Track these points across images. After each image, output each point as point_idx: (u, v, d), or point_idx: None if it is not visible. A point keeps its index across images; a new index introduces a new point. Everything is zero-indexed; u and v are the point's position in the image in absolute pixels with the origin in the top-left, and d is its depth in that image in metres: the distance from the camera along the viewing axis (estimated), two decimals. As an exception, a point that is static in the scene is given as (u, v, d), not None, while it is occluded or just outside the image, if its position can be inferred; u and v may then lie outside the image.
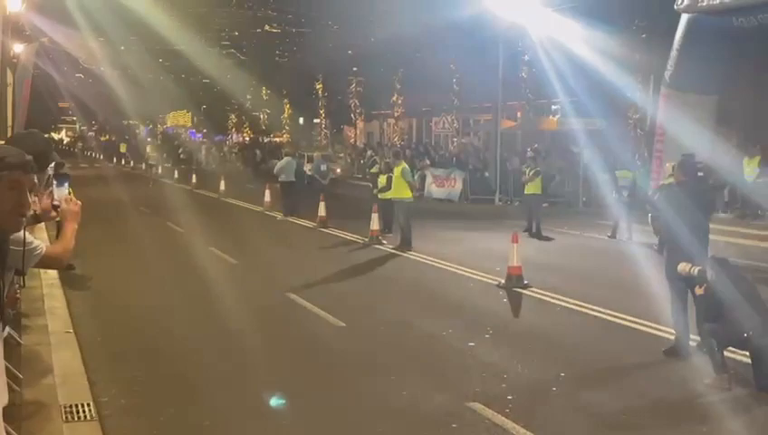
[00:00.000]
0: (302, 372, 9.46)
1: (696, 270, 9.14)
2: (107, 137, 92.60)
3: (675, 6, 23.29)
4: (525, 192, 22.67)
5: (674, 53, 23.70)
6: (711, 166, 23.19)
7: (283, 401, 8.11)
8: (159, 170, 41.57)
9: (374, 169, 25.75)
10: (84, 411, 7.48)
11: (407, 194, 19.24)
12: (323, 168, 32.49)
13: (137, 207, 27.49)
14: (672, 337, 10.19)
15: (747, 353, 8.84)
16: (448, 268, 16.44)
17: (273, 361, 9.85)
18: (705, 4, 22.16)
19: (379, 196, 20.63)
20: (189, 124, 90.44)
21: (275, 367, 9.61)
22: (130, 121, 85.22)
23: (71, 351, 9.54)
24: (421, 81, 45.13)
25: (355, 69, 54.22)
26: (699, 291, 9.10)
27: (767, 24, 21.57)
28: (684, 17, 23.36)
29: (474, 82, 38.98)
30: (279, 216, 26.30)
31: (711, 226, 10.62)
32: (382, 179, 21.13)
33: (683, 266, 9.36)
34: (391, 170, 20.09)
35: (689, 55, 23.06)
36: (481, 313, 12.56)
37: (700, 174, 11.34)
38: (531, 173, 22.41)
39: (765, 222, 19.32)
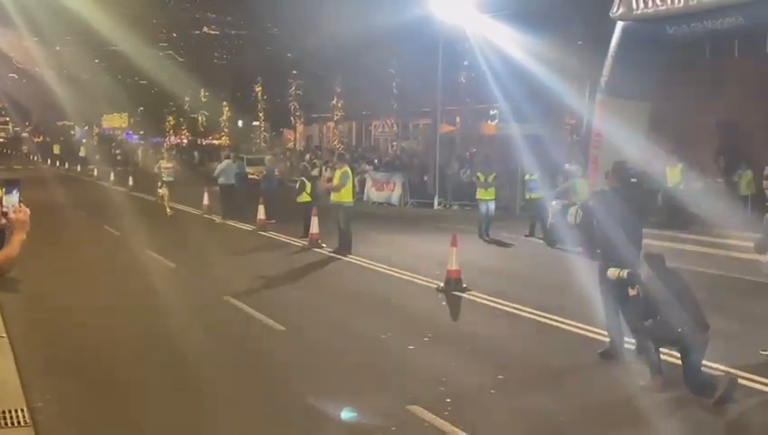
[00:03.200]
0: (241, 376, 9.43)
1: (625, 273, 9.29)
2: (41, 138, 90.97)
3: (610, 14, 23.72)
4: (483, 198, 22.57)
5: (609, 59, 24.12)
6: (645, 171, 23.67)
7: (354, 414, 8.04)
8: (131, 181, 39.43)
9: (314, 172, 25.76)
10: (18, 417, 7.36)
11: (348, 198, 19.25)
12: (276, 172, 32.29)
13: (72, 210, 27.06)
14: (607, 340, 10.36)
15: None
16: (388, 272, 16.50)
17: (211, 365, 9.79)
18: (639, 12, 22.61)
19: (297, 199, 21.45)
20: (126, 125, 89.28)
21: (213, 371, 9.54)
22: (65, 122, 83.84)
23: (3, 355, 9.38)
24: (361, 84, 45.18)
25: (295, 72, 54.06)
26: (632, 292, 9.25)
27: (699, 33, 22.09)
28: (619, 25, 23.80)
29: (413, 87, 39.14)
30: (218, 218, 26.13)
31: (644, 230, 10.76)
32: (308, 186, 21.37)
33: (612, 272, 9.52)
34: (307, 173, 20.54)
35: (624, 62, 23.50)
36: (420, 316, 12.63)
37: (633, 180, 11.46)
38: (490, 179, 22.44)
39: (694, 227, 19.72)
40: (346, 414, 7.96)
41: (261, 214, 23.63)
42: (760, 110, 26.56)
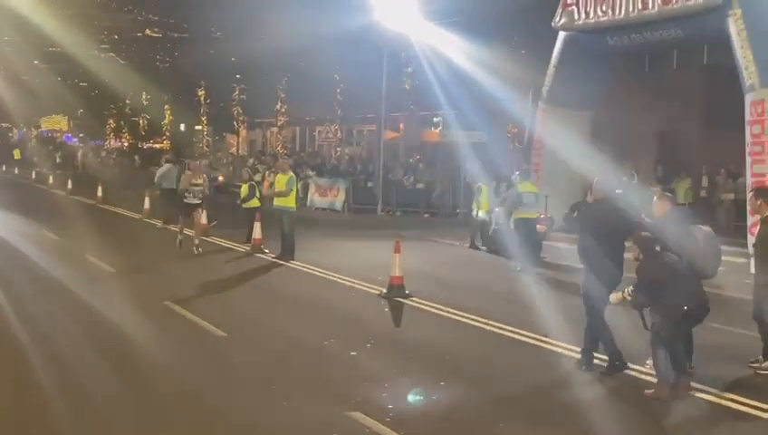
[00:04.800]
0: (181, 383, 9.32)
1: (628, 292, 9.20)
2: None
3: (552, 24, 24.02)
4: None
5: (551, 69, 24.43)
6: (634, 183, 23.97)
7: (420, 397, 7.99)
8: (70, 185, 37.98)
9: (257, 177, 25.63)
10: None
11: (291, 203, 19.18)
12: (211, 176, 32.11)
13: (8, 213, 26.53)
14: (554, 348, 10.44)
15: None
16: (330, 278, 16.46)
17: (149, 371, 9.67)
18: (581, 22, 22.93)
19: (246, 205, 21.26)
20: (66, 128, 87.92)
21: (152, 377, 9.43)
22: (3, 124, 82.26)
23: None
24: (305, 90, 45.10)
25: (238, 76, 53.76)
26: (618, 299, 9.30)
27: (640, 44, 22.48)
28: (561, 35, 24.13)
29: (358, 93, 39.18)
30: (159, 223, 25.82)
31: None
32: (244, 189, 21.29)
33: (615, 297, 9.41)
34: (252, 179, 20.47)
35: (566, 72, 23.83)
36: (363, 322, 12.62)
37: (618, 191, 11.37)
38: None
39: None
40: (413, 397, 7.89)
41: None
42: (698, 120, 27.13)
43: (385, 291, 14.54)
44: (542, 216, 19.42)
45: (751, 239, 16.82)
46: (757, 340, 10.14)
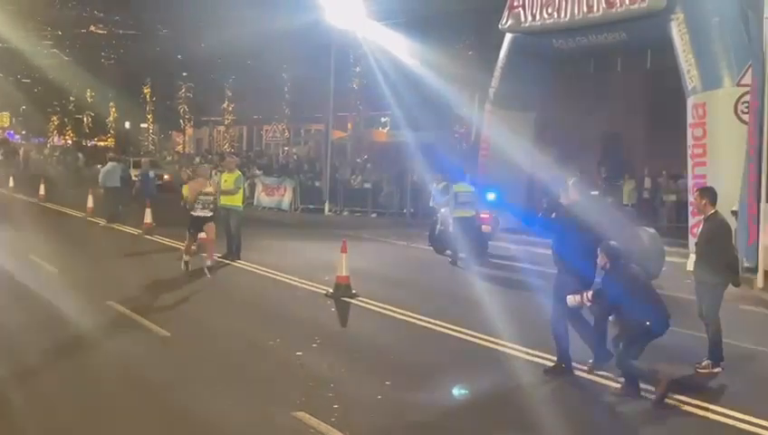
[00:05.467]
0: (123, 383, 9.22)
1: (588, 297, 9.29)
2: None
3: (499, 26, 24.21)
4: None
5: (498, 70, 24.63)
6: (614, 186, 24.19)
7: (465, 391, 7.89)
8: (12, 183, 36.78)
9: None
10: None
11: (238, 202, 19.07)
12: (151, 174, 31.69)
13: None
14: (499, 347, 10.51)
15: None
16: (277, 277, 16.40)
17: (90, 370, 9.56)
18: (527, 24, 23.14)
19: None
20: (8, 125, 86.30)
21: (94, 378, 9.32)
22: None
23: None
24: (253, 88, 44.88)
25: (185, 74, 53.30)
26: (574, 301, 9.37)
27: (585, 47, 22.75)
28: (508, 36, 24.33)
29: (306, 92, 39.09)
30: (103, 222, 25.50)
31: (540, 239, 10.87)
32: (185, 189, 21.13)
33: (573, 299, 9.45)
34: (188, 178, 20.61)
35: (512, 73, 24.04)
36: (309, 322, 12.59)
37: (594, 192, 11.36)
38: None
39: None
40: (457, 391, 7.84)
41: (148, 217, 23.18)
42: (641, 122, 27.54)
43: (331, 291, 14.52)
44: (487, 216, 19.57)
45: (692, 239, 17.13)
46: (698, 339, 10.34)
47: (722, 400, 8.93)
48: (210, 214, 16.99)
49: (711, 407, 8.61)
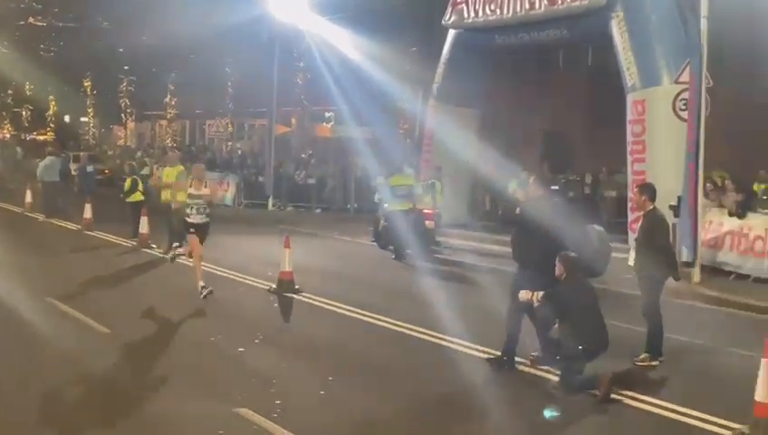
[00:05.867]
0: (64, 380, 9.09)
1: (538, 297, 9.29)
2: None
3: (443, 22, 24.28)
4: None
5: (441, 66, 24.71)
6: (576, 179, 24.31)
7: (556, 413, 7.78)
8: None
9: (144, 171, 25.11)
10: None
11: (182, 197, 18.86)
12: (90, 168, 31.24)
13: None
14: (441, 342, 10.56)
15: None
16: (219, 273, 16.29)
17: (28, 369, 9.40)
18: (470, 21, 23.25)
19: (129, 199, 20.98)
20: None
21: (29, 375, 9.17)
22: None
23: None
24: (195, 82, 44.44)
25: (126, 67, 52.59)
26: (525, 296, 9.39)
27: (527, 44, 22.92)
28: (451, 32, 24.41)
29: (249, 86, 38.83)
30: (41, 217, 25.09)
31: (485, 235, 10.94)
32: (127, 183, 20.97)
33: (525, 295, 9.44)
34: (135, 172, 20.23)
35: (455, 69, 24.13)
36: (251, 318, 12.54)
37: (554, 187, 11.34)
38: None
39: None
40: (548, 413, 7.75)
41: (87, 213, 22.85)
42: (582, 119, 27.85)
43: (274, 286, 14.47)
44: (431, 211, 19.67)
45: (631, 235, 17.39)
46: (638, 333, 10.51)
47: (660, 392, 9.08)
48: (206, 220, 14.52)
49: (649, 399, 8.75)
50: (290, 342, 11.24)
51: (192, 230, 14.33)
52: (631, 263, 10.48)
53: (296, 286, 14.35)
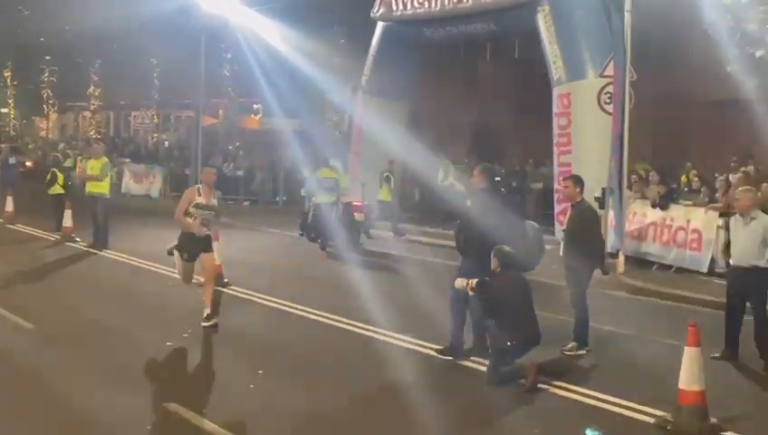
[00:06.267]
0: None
1: (472, 285, 9.34)
2: None
3: (371, 14, 24.30)
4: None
5: (370, 58, 24.73)
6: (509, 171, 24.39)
7: (599, 433, 7.54)
8: None
9: (68, 163, 24.67)
10: None
11: (105, 189, 18.59)
12: (12, 160, 30.49)
13: None
14: (369, 333, 10.58)
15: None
16: (146, 267, 16.08)
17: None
18: (398, 13, 23.32)
19: (49, 191, 20.67)
20: None
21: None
22: None
23: None
24: (120, 73, 43.73)
25: (48, 57, 51.44)
26: (466, 288, 9.44)
27: (455, 37, 23.09)
28: (379, 25, 24.45)
29: (175, 77, 38.34)
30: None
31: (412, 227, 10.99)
32: (48, 175, 20.70)
33: (460, 282, 9.51)
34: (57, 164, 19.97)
35: (384, 62, 24.18)
36: (180, 312, 12.38)
37: (497, 178, 11.44)
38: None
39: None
40: (591, 433, 7.62)
41: (9, 206, 22.33)
42: (509, 112, 28.13)
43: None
44: (360, 203, 19.69)
45: (558, 226, 17.67)
46: (565, 322, 10.67)
47: (586, 381, 9.22)
48: (208, 233, 12.02)
49: (576, 388, 8.88)
50: (219, 335, 11.14)
51: (186, 256, 11.83)
52: (562, 253, 10.64)
53: (225, 280, 14.23)
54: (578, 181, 10.83)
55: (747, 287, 10.07)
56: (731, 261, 10.36)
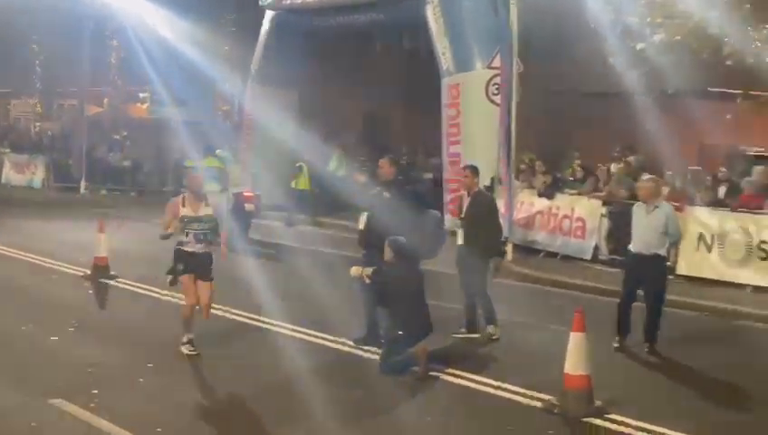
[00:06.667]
0: None
1: (367, 274, 9.36)
2: None
3: (260, 2, 24.09)
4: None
5: (259, 48, 24.51)
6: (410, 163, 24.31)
7: None
8: None
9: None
10: None
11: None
12: None
13: None
14: (260, 325, 10.53)
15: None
16: (29, 260, 15.61)
17: None
18: (288, 2, 23.19)
19: None
20: None
21: None
22: None
23: None
24: (-1, 60, 42.19)
25: None
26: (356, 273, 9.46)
27: (344, 26, 23.07)
28: (268, 14, 24.24)
29: (59, 65, 37.22)
30: None
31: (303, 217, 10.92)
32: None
33: (355, 270, 9.52)
34: None
35: (273, 51, 23.99)
36: (65, 306, 12.09)
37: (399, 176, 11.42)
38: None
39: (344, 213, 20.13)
40: None
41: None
42: (399, 102, 28.32)
43: (89, 272, 14.00)
44: (251, 194, 19.55)
45: (448, 217, 17.87)
46: (456, 311, 10.84)
47: (477, 367, 9.39)
48: (206, 250, 10.21)
49: (467, 375, 9.06)
50: (106, 329, 10.92)
51: (181, 268, 10.10)
52: (461, 242, 10.79)
53: (111, 272, 13.95)
54: (476, 171, 11.07)
55: (646, 275, 10.33)
56: (631, 248, 10.55)
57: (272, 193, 22.52)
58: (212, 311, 10.33)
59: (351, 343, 10.06)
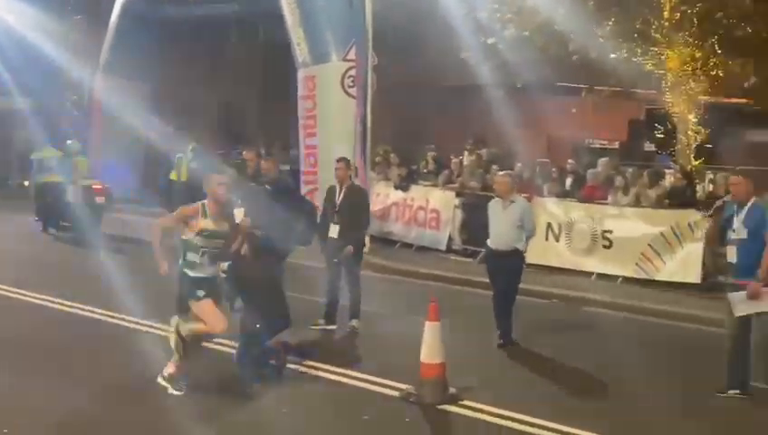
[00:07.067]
0: None
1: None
2: None
3: (110, -11, 23.45)
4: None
5: (109, 37, 23.87)
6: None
7: None
8: None
9: None
10: None
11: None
12: None
13: None
14: (119, 322, 10.28)
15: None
16: None
17: None
18: (139, -11, 22.62)
19: None
20: None
21: None
22: None
23: None
24: None
25: None
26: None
27: (200, 17, 22.74)
28: (118, 2, 23.62)
29: None
30: None
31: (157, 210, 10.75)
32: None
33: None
34: None
35: (124, 41, 23.41)
36: None
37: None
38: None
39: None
40: None
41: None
42: (255, 94, 28.15)
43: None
44: (101, 186, 19.07)
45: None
46: (317, 303, 10.88)
47: (335, 358, 9.42)
48: (217, 274, 8.59)
49: (324, 366, 9.10)
50: None
51: (201, 294, 8.17)
52: (334, 235, 10.82)
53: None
54: (348, 163, 11.38)
55: (503, 268, 10.52)
56: (489, 244, 10.66)
57: (125, 185, 22.00)
58: (60, 307, 9.97)
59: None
